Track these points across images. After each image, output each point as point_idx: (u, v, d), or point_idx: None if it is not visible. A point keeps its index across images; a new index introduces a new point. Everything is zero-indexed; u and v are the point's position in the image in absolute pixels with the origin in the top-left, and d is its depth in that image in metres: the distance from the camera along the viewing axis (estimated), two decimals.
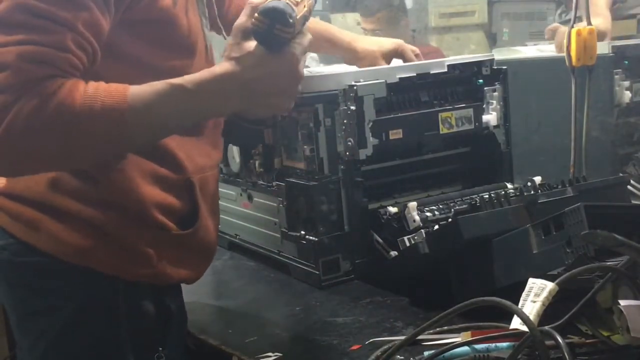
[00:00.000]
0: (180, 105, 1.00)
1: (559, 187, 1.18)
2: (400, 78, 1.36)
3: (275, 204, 1.43)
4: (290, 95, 1.05)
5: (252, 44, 1.00)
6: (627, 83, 1.65)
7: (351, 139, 1.30)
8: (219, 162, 1.25)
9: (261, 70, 1.00)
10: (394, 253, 1.28)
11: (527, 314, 0.83)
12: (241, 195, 1.56)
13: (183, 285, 1.22)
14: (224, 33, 1.28)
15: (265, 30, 0.97)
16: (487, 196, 1.21)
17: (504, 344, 0.89)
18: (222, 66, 1.02)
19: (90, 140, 0.96)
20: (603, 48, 1.65)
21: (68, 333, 1.08)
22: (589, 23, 1.60)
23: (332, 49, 1.60)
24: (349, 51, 1.57)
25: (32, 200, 1.07)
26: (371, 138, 1.31)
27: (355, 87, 1.30)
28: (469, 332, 0.94)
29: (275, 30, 0.96)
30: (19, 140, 0.92)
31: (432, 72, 1.41)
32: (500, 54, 1.83)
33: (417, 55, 1.55)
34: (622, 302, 0.89)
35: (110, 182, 1.06)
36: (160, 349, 1.13)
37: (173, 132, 1.08)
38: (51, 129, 0.93)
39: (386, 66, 1.47)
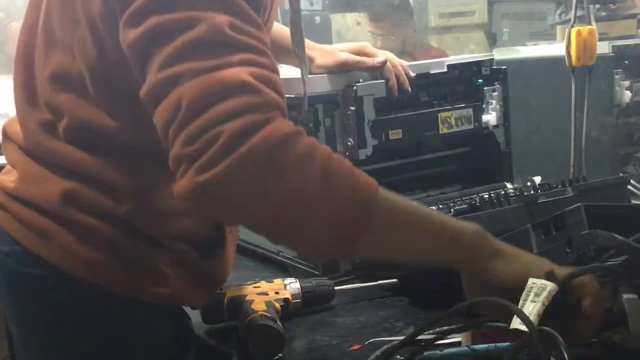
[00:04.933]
0: (427, 239, 0.89)
1: (559, 187, 1.18)
2: None
3: None
4: None
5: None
6: (627, 83, 1.65)
7: (351, 139, 1.30)
8: None
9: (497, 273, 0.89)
10: None
11: (527, 314, 0.83)
12: None
13: None
14: None
15: None
16: (487, 196, 1.21)
17: (504, 344, 0.89)
18: (477, 235, 0.89)
19: (327, 222, 0.82)
20: (603, 48, 1.64)
21: (74, 353, 1.02)
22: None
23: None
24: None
25: (46, 209, 0.99)
26: (371, 138, 1.31)
27: (354, 87, 1.30)
28: (468, 333, 0.94)
29: None
30: (249, 177, 0.79)
31: (431, 72, 1.41)
32: (500, 54, 1.82)
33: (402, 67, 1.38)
34: (625, 296, 0.89)
35: (136, 205, 0.99)
36: None
37: (396, 259, 0.96)
38: (289, 178, 0.80)
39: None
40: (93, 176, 0.98)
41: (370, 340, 1.05)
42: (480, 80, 1.46)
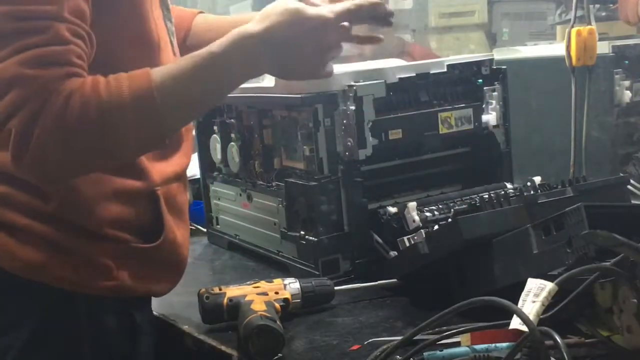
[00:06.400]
0: (208, 72, 0.99)
1: (559, 187, 1.18)
2: (399, 78, 1.36)
3: (274, 204, 1.43)
4: (320, 64, 1.07)
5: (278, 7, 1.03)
6: (627, 83, 1.65)
7: (351, 139, 1.30)
8: (186, 169, 1.20)
9: (291, 31, 1.02)
10: (393, 253, 1.28)
11: (527, 314, 0.83)
12: (240, 195, 1.56)
13: (183, 286, 1.22)
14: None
15: None
16: (487, 196, 1.21)
17: (504, 344, 0.89)
18: (251, 26, 1.02)
19: (127, 132, 0.94)
20: (603, 48, 1.64)
21: (30, 351, 1.03)
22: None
23: None
24: None
25: None
26: (371, 138, 1.31)
27: (354, 87, 1.30)
28: (468, 332, 0.94)
29: None
30: (55, 150, 0.91)
31: (431, 72, 1.41)
32: (500, 54, 1.82)
33: None
34: None
35: (62, 199, 1.02)
36: None
37: (205, 107, 1.06)
38: (84, 130, 0.91)
39: (386, 66, 1.47)
40: (18, 177, 0.99)
41: (370, 340, 1.05)
42: (480, 80, 1.46)
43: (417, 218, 1.28)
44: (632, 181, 1.44)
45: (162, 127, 0.99)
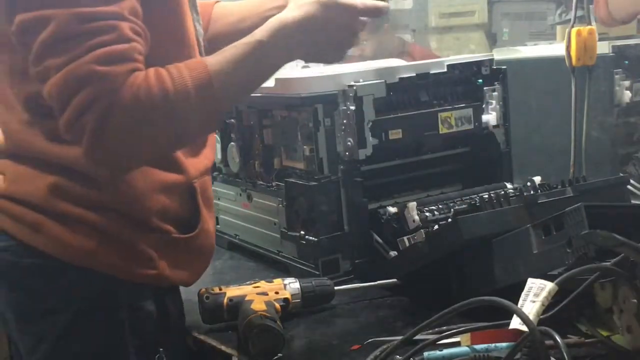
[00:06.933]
0: (256, 59, 1.05)
1: (559, 187, 1.18)
2: (400, 78, 1.36)
3: (274, 204, 1.43)
4: (345, 48, 1.14)
5: None
6: (627, 83, 1.65)
7: (351, 139, 1.30)
8: (213, 162, 1.26)
9: (325, 18, 1.08)
10: (393, 253, 1.28)
11: (527, 314, 0.83)
12: (241, 195, 1.56)
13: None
14: None
15: None
16: (487, 196, 1.21)
17: (504, 344, 0.89)
18: (289, 14, 1.07)
19: (191, 118, 1.01)
20: (603, 48, 1.64)
21: (69, 335, 1.08)
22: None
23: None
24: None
25: (34, 204, 1.07)
26: (371, 138, 1.31)
27: (354, 87, 1.30)
28: (468, 332, 0.94)
29: None
30: (127, 142, 0.96)
31: (431, 72, 1.41)
32: (500, 54, 1.82)
33: None
34: None
35: (114, 190, 1.07)
36: (161, 349, 1.13)
37: (250, 91, 1.11)
38: (154, 121, 0.97)
39: (386, 66, 1.47)
40: (75, 169, 1.05)
41: (370, 340, 1.05)
42: (480, 80, 1.46)
43: (417, 218, 1.28)
44: (632, 181, 1.44)
45: (218, 111, 1.09)
